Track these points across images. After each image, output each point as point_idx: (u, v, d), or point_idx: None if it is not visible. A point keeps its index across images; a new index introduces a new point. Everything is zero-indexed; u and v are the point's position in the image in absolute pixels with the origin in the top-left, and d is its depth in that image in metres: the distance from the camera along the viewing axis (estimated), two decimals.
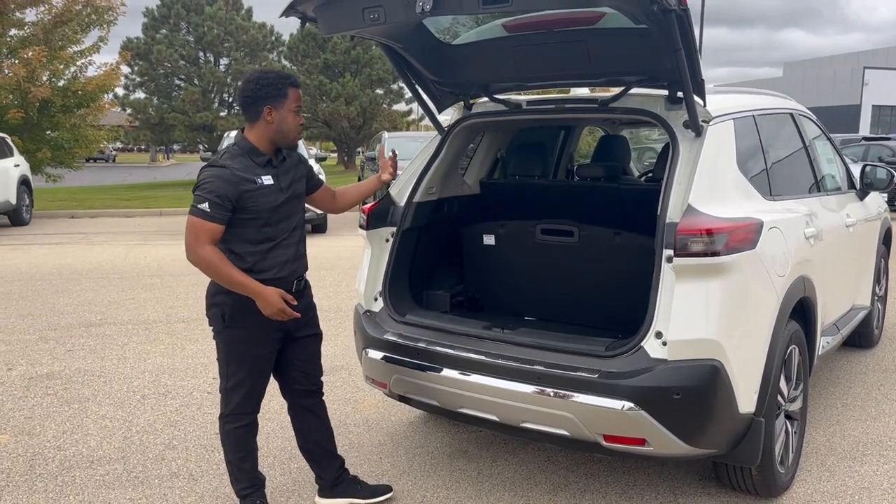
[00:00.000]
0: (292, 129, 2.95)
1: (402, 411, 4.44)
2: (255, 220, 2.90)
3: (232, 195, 2.82)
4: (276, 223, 2.96)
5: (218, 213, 2.81)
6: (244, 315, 2.92)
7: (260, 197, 2.88)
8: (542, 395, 2.93)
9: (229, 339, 2.99)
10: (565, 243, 3.66)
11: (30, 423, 4.29)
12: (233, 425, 3.06)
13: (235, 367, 3.00)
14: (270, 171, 2.95)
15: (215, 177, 2.82)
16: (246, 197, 2.85)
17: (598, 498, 3.40)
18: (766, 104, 3.92)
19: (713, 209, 2.89)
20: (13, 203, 13.68)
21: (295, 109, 2.95)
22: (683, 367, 2.78)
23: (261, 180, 2.90)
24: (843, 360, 5.38)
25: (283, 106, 2.91)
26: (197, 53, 33.60)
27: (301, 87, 3.02)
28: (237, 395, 3.02)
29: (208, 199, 2.79)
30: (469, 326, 3.36)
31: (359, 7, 2.85)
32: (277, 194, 2.95)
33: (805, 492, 3.46)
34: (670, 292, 2.83)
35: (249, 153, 2.92)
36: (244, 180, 2.85)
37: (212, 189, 2.80)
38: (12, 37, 17.70)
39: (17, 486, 3.51)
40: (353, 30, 3.08)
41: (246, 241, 2.91)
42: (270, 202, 2.92)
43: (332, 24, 3.04)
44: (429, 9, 2.65)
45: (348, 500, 3.33)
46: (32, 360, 5.48)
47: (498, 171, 4.47)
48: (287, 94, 2.91)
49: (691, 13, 2.65)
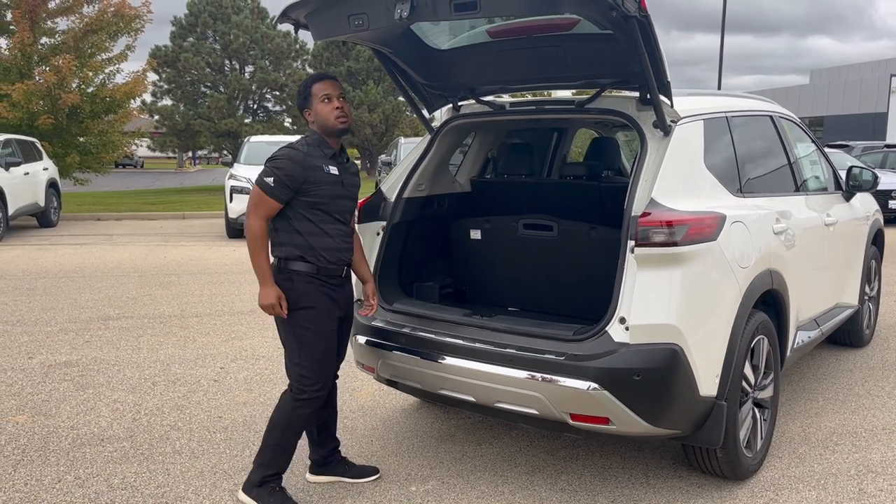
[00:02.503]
0: (328, 116, 3.18)
1: (396, 400, 4.65)
2: (316, 204, 3.14)
3: (300, 177, 3.08)
4: (332, 211, 3.20)
5: (280, 190, 3.07)
6: (307, 296, 3.15)
7: (324, 184, 3.14)
8: (514, 376, 3.12)
9: (300, 321, 3.16)
10: (545, 237, 3.85)
11: (46, 405, 4.57)
12: (304, 409, 3.21)
13: (306, 348, 3.17)
14: (336, 164, 3.22)
15: (289, 158, 3.10)
16: (312, 181, 3.11)
17: (573, 479, 3.59)
18: (742, 106, 4.08)
19: (676, 203, 3.07)
20: (41, 205, 14.14)
21: (322, 100, 3.18)
22: (644, 351, 2.96)
23: (328, 168, 3.17)
24: (832, 358, 5.50)
25: (313, 103, 3.20)
26: (223, 61, 34.18)
27: (332, 78, 3.23)
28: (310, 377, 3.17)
29: (275, 175, 3.06)
30: (451, 314, 3.57)
31: (344, 14, 3.09)
32: (338, 186, 3.20)
33: (773, 476, 3.61)
34: (633, 280, 3.01)
35: (320, 144, 3.21)
36: (314, 167, 3.12)
37: (282, 167, 3.07)
38: (43, 45, 18.29)
39: (32, 461, 3.78)
40: (342, 35, 3.32)
41: (307, 220, 3.15)
42: (332, 191, 3.17)
43: (321, 30, 3.29)
44: (406, 15, 2.87)
45: (336, 477, 3.55)
46: (52, 349, 5.79)
47: (489, 170, 4.68)
48: (311, 91, 3.20)
49: (652, 19, 2.84)
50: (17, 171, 13.12)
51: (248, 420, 4.33)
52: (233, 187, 12.50)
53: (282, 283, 3.16)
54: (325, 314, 3.20)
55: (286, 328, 3.22)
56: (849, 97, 41.45)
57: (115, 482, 3.55)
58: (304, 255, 3.15)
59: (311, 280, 3.16)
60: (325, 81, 3.22)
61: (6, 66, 17.32)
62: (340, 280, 3.27)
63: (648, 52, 2.94)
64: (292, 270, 3.17)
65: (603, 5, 2.68)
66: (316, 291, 3.17)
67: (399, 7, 2.87)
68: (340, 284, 3.28)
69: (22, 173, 13.29)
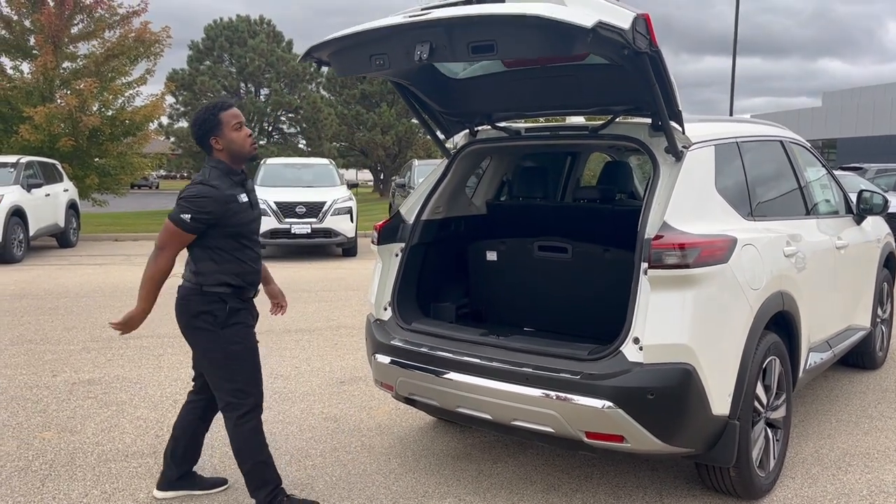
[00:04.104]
0: (244, 143, 3.27)
1: (412, 418, 4.73)
2: (233, 235, 3.27)
3: (217, 212, 3.17)
4: (247, 236, 3.34)
5: (196, 225, 3.19)
6: (234, 313, 3.30)
7: (240, 213, 3.26)
8: (531, 394, 3.20)
9: (230, 338, 3.28)
10: (560, 259, 3.94)
11: (72, 422, 4.68)
12: (251, 426, 3.33)
13: (238, 366, 3.30)
14: (244, 190, 3.33)
15: (206, 195, 3.17)
16: (230, 214, 3.22)
17: (588, 497, 3.64)
18: (752, 131, 4.17)
19: (688, 226, 3.16)
20: (61, 226, 14.39)
21: (235, 127, 3.25)
22: (657, 370, 3.04)
23: (240, 198, 3.27)
24: (845, 380, 5.53)
25: (223, 130, 3.24)
26: (238, 84, 34.77)
27: (234, 107, 3.30)
28: (247, 393, 3.33)
29: (192, 213, 3.16)
30: (468, 334, 3.66)
31: (366, 54, 3.25)
32: (249, 211, 3.33)
33: (786, 495, 3.65)
34: (647, 301, 3.10)
35: (228, 174, 3.28)
36: (230, 200, 3.22)
37: (201, 205, 3.15)
38: (65, 69, 18.68)
39: (59, 476, 3.88)
40: (364, 73, 3.47)
41: (222, 248, 3.26)
42: (245, 218, 3.31)
43: (344, 67, 3.47)
44: (425, 57, 3.01)
45: (185, 492, 3.62)
46: (76, 367, 5.91)
47: (504, 193, 4.79)
48: (221, 119, 3.23)
49: (663, 54, 2.95)
50: (39, 192, 13.38)
51: (269, 437, 4.38)
52: None
53: (206, 306, 3.26)
54: (251, 330, 3.39)
55: (213, 348, 3.29)
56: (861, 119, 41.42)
57: (141, 497, 3.64)
58: (224, 278, 3.27)
59: (235, 300, 3.31)
60: (233, 109, 3.29)
61: (29, 90, 17.70)
62: (250, 301, 3.43)
63: (659, 83, 3.05)
64: (216, 293, 3.27)
65: (615, 45, 2.80)
66: (239, 311, 3.33)
67: (419, 49, 3.00)
68: (251, 303, 3.44)
69: (43, 194, 13.54)
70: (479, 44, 2.88)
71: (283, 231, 12.66)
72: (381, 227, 4.04)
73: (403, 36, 3.05)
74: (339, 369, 5.90)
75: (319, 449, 4.25)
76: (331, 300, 9.05)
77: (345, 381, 5.59)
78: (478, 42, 2.88)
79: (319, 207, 12.80)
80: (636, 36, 2.75)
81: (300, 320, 7.80)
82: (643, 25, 2.78)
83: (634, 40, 2.74)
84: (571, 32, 2.65)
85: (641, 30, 2.77)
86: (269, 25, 36.36)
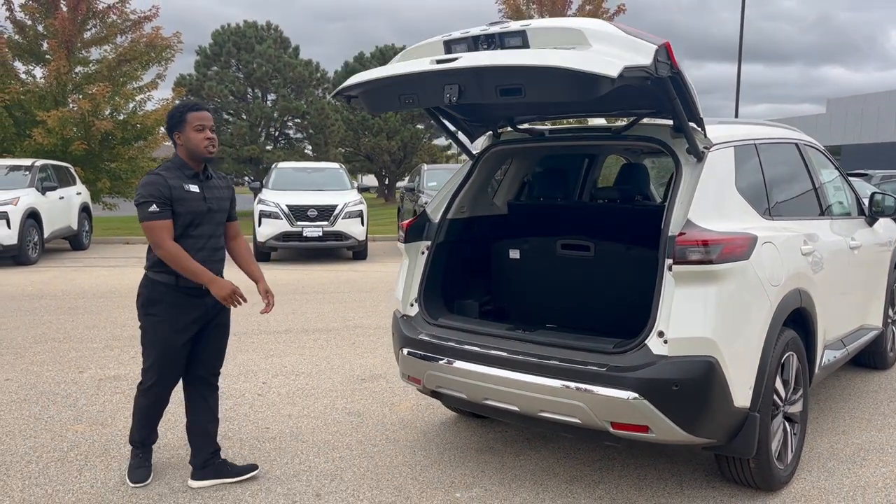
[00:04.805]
0: (199, 144, 3.52)
1: (434, 414, 4.84)
2: (178, 222, 3.48)
3: (167, 193, 3.43)
4: (196, 226, 3.54)
5: (164, 210, 3.43)
6: (156, 304, 3.54)
7: (186, 201, 3.49)
8: (558, 386, 3.31)
9: (147, 325, 3.60)
10: (583, 257, 4.05)
11: (102, 415, 4.80)
12: (144, 399, 3.72)
13: (150, 349, 3.62)
14: (197, 182, 3.56)
15: (151, 183, 3.44)
16: (176, 198, 3.46)
17: (611, 487, 3.75)
18: (769, 134, 4.29)
19: (711, 224, 3.27)
20: (74, 229, 14.54)
21: (197, 128, 3.51)
22: (681, 362, 3.14)
23: (188, 187, 3.51)
24: (857, 379, 5.62)
25: (185, 129, 3.51)
26: (246, 89, 34.87)
27: (206, 110, 3.58)
28: (151, 374, 3.65)
29: (150, 201, 3.41)
30: (494, 328, 3.77)
31: (396, 94, 3.43)
32: (200, 202, 3.54)
33: (803, 487, 3.75)
34: (671, 296, 3.21)
35: (181, 167, 3.56)
36: (175, 186, 3.46)
37: (152, 193, 3.42)
38: (78, 73, 18.87)
39: (95, 466, 4.00)
40: (393, 110, 3.71)
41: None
42: (193, 207, 3.51)
43: (374, 105, 3.66)
44: (455, 100, 3.15)
45: (218, 480, 3.77)
46: (101, 364, 6.03)
47: (524, 193, 4.91)
48: (186, 119, 3.51)
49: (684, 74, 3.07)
50: (53, 195, 13.52)
51: (295, 431, 4.53)
52: (262, 212, 12.82)
53: (140, 289, 3.59)
54: (169, 322, 3.55)
55: (142, 324, 3.63)
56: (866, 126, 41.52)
57: (176, 485, 3.75)
58: (165, 268, 3.50)
59: (167, 290, 3.53)
60: (200, 112, 3.55)
61: (42, 94, 17.88)
62: (203, 291, 3.55)
63: (681, 97, 3.18)
64: (151, 279, 3.57)
65: (639, 78, 2.91)
66: (169, 303, 3.54)
67: (448, 92, 3.17)
68: (206, 293, 3.56)
69: (57, 197, 13.69)
70: (507, 87, 3.04)
71: (294, 234, 12.78)
72: (408, 225, 4.16)
73: (433, 80, 3.21)
74: (358, 367, 6.01)
75: (346, 442, 4.36)
76: (345, 301, 9.17)
77: (365, 378, 5.70)
78: (506, 86, 3.04)
79: (331, 211, 12.93)
80: (658, 66, 2.88)
81: (316, 321, 7.91)
82: (664, 54, 2.91)
83: (657, 70, 2.87)
84: (597, 80, 2.77)
85: (663, 58, 2.91)
86: (277, 31, 36.49)
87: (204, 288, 3.54)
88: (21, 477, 3.83)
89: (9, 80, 17.64)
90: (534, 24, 3.19)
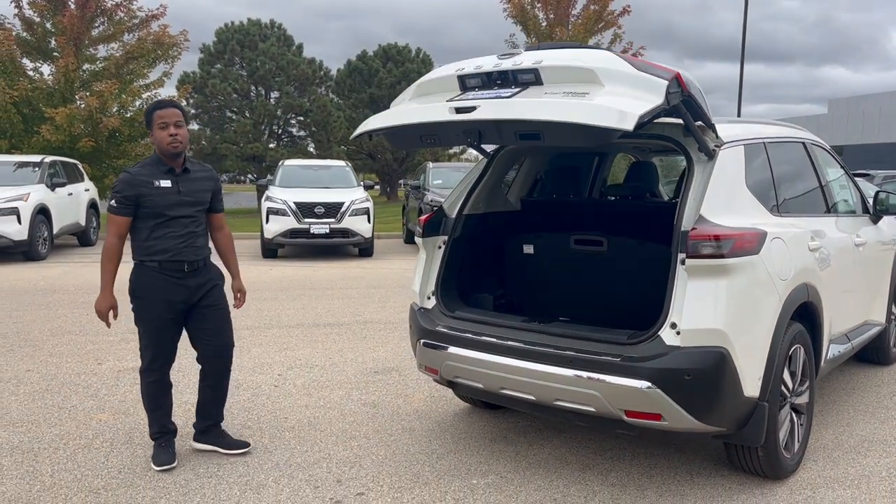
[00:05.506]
0: (162, 140, 3.74)
1: (449, 404, 4.96)
2: (152, 213, 3.74)
3: (133, 193, 3.69)
4: (172, 217, 3.77)
5: (123, 208, 3.72)
6: (142, 286, 3.83)
7: (156, 195, 3.73)
8: (574, 376, 3.42)
9: (136, 307, 3.86)
10: (595, 252, 4.16)
11: (124, 405, 4.92)
12: (145, 382, 3.95)
13: (142, 330, 3.89)
14: (171, 177, 3.79)
15: (121, 181, 3.74)
16: (144, 195, 3.71)
17: (622, 475, 3.86)
18: (777, 133, 4.40)
19: (722, 220, 3.39)
20: (82, 225, 14.67)
21: (160, 126, 3.73)
22: (694, 353, 3.26)
23: (158, 183, 3.74)
24: (861, 374, 5.74)
25: (153, 127, 3.77)
26: (249, 87, 35.01)
27: (173, 107, 3.78)
28: (147, 353, 3.91)
29: (115, 198, 3.73)
30: (510, 320, 3.89)
31: (417, 135, 3.60)
32: (173, 195, 3.77)
33: (809, 476, 3.87)
34: (683, 289, 3.32)
35: (156, 163, 3.81)
36: (143, 183, 3.71)
37: (118, 190, 3.72)
38: (85, 70, 18.99)
39: (121, 452, 4.12)
40: (414, 149, 3.87)
41: (148, 227, 3.77)
42: (165, 200, 3.75)
43: (396, 143, 3.89)
44: (475, 143, 3.29)
45: (211, 446, 4.11)
46: (118, 356, 6.15)
47: (537, 190, 5.02)
48: (152, 117, 3.76)
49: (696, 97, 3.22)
50: (62, 191, 13.65)
51: (313, 421, 4.65)
52: (269, 209, 12.93)
53: (131, 276, 3.86)
54: (155, 304, 3.81)
55: (133, 310, 3.89)
56: (867, 127, 41.60)
57: (201, 471, 3.87)
58: (147, 255, 3.79)
59: (150, 274, 3.79)
60: (164, 109, 3.76)
61: (50, 91, 18.00)
62: (184, 274, 3.82)
63: (689, 110, 3.30)
64: (135, 264, 3.84)
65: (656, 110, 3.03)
66: (151, 285, 3.80)
67: (469, 137, 3.38)
68: (187, 276, 3.83)
69: (66, 194, 13.82)
70: (526, 133, 3.21)
71: (302, 231, 12.89)
72: (425, 220, 4.28)
73: (453, 127, 3.37)
74: (371, 360, 6.13)
75: (363, 431, 4.48)
76: (354, 297, 9.28)
77: (378, 371, 5.82)
78: (525, 132, 3.22)
79: (338, 208, 13.04)
80: (670, 98, 3.01)
81: (327, 315, 8.03)
82: (675, 85, 3.03)
83: (669, 103, 3.00)
84: (614, 130, 2.90)
85: (674, 89, 3.03)
86: (280, 29, 36.65)
87: (186, 270, 3.82)
88: (50, 462, 3.96)
89: (17, 77, 17.77)
90: (545, 60, 3.28)
